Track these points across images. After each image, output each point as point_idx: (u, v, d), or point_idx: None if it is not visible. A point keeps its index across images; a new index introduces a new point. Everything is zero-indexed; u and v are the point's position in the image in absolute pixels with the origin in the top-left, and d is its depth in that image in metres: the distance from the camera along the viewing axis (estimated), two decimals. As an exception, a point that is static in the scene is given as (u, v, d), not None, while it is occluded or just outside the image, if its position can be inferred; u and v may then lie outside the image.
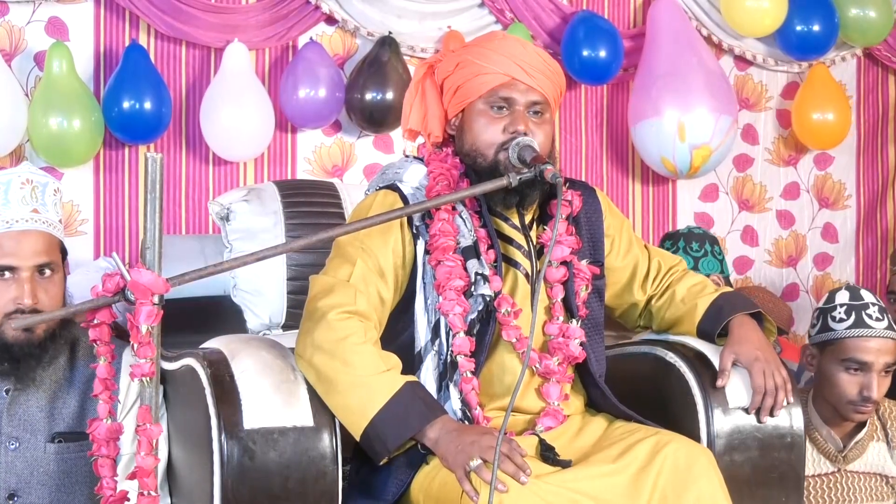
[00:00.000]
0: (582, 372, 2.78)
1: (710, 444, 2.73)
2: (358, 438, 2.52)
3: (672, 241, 4.07)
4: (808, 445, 3.32)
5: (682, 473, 2.50)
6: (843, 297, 3.31)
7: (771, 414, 2.74)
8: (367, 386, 2.50)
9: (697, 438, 2.74)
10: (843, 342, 3.27)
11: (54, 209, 2.80)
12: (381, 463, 2.54)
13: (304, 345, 2.58)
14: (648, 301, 2.94)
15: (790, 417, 2.78)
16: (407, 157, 2.85)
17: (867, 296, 3.31)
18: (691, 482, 2.49)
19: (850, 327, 3.26)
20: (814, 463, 3.34)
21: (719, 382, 2.75)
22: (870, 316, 3.26)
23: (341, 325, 2.55)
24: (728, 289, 2.99)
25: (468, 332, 2.64)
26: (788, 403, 2.75)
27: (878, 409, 3.40)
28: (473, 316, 2.65)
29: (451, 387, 2.62)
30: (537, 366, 2.69)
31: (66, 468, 2.81)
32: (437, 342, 2.66)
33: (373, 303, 2.63)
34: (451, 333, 2.64)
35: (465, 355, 2.63)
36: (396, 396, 2.49)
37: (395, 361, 2.57)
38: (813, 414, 3.36)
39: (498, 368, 2.69)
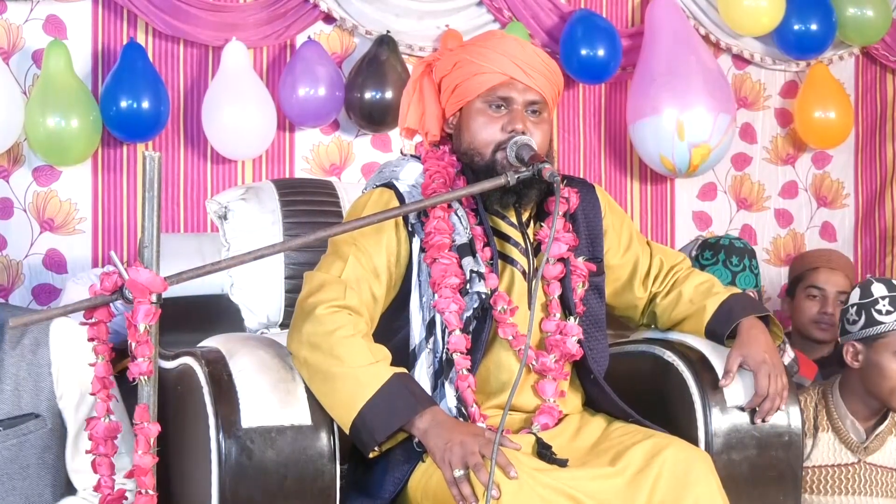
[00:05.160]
0: (580, 369, 2.79)
1: (708, 443, 2.74)
2: (347, 431, 2.51)
3: (713, 252, 4.04)
4: (831, 435, 3.37)
5: (679, 478, 2.50)
6: (880, 289, 3.30)
7: (764, 420, 2.76)
8: (355, 378, 2.49)
9: (695, 437, 2.74)
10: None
11: None
12: (371, 456, 2.53)
13: (293, 340, 2.59)
14: (652, 299, 2.94)
15: (788, 416, 2.79)
16: (404, 155, 2.85)
17: None
18: (689, 487, 2.49)
19: None
20: (835, 453, 3.37)
21: (722, 383, 2.76)
22: None
23: (330, 318, 2.55)
24: (735, 289, 2.99)
25: (464, 330, 2.64)
26: (781, 410, 2.78)
27: None
28: (469, 313, 2.65)
29: (447, 385, 2.62)
30: (534, 363, 2.69)
31: (10, 455, 2.77)
32: (431, 340, 2.66)
33: (364, 299, 2.62)
34: (446, 331, 2.64)
35: (461, 353, 2.63)
36: (385, 387, 2.48)
37: (384, 354, 2.55)
38: (838, 404, 3.39)
39: (494, 366, 2.69)
